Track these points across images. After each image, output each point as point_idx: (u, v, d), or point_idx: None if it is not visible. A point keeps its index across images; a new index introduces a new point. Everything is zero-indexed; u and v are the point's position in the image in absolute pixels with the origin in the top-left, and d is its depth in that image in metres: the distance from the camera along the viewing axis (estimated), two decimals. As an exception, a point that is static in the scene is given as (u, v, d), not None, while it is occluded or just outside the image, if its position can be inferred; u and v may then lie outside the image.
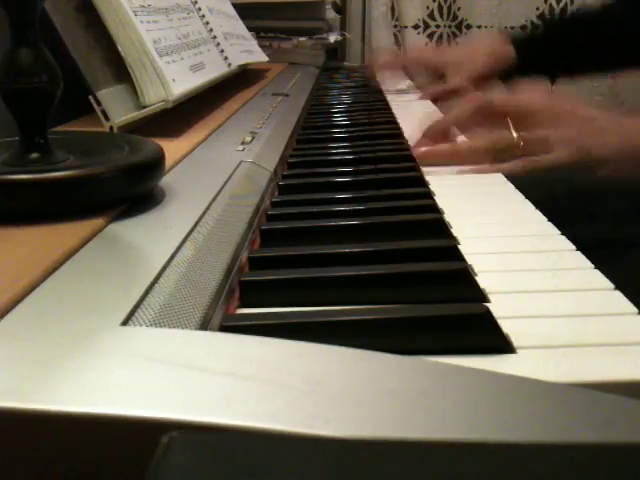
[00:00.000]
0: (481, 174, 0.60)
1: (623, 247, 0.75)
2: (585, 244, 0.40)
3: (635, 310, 0.32)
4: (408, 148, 0.66)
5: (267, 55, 1.19)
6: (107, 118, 0.58)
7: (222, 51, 0.89)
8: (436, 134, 0.67)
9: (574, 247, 0.41)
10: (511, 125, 0.62)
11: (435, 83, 1.11)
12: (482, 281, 0.35)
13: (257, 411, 0.20)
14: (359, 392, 0.21)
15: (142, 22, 0.64)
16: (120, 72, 0.62)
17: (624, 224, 0.78)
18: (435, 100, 1.01)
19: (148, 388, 0.21)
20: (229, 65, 0.89)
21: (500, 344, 0.29)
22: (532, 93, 0.69)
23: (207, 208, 0.41)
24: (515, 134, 0.62)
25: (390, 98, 1.04)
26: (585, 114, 0.64)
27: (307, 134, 0.77)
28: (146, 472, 0.15)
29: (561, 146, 0.61)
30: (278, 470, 0.14)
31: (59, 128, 0.61)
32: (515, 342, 0.29)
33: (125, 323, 0.26)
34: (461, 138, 0.69)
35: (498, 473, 0.14)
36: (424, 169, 0.60)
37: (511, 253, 0.41)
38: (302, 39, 1.35)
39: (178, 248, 0.34)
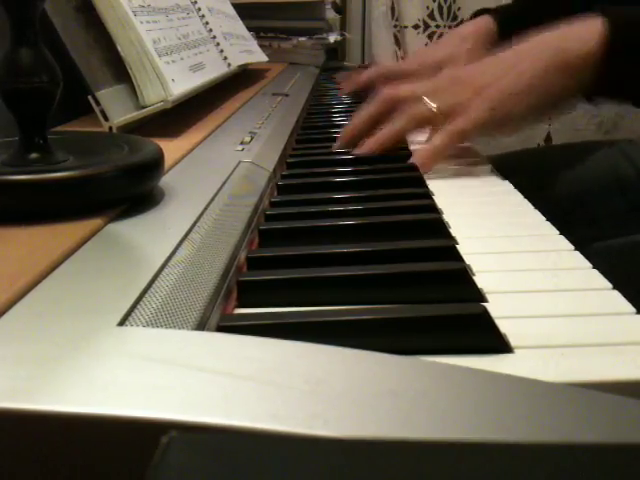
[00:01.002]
0: (478, 176, 0.60)
1: (622, 247, 0.75)
2: (584, 244, 0.40)
3: (633, 310, 0.33)
4: (407, 147, 0.66)
5: (267, 55, 1.19)
6: (106, 118, 0.58)
7: (222, 51, 0.89)
8: (353, 134, 0.66)
9: (572, 247, 0.41)
10: (426, 100, 0.62)
11: None
12: (480, 281, 0.35)
13: (257, 411, 0.20)
14: (359, 392, 0.21)
15: (142, 22, 0.64)
16: (119, 72, 0.62)
17: (624, 224, 0.78)
18: None
19: (147, 388, 0.21)
20: (229, 65, 0.89)
21: (497, 344, 0.29)
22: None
23: (205, 208, 0.41)
24: (432, 105, 0.62)
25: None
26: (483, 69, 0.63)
27: (306, 134, 0.77)
28: (146, 472, 0.15)
29: (478, 106, 0.60)
30: (278, 470, 0.14)
31: (59, 128, 0.61)
32: (513, 342, 0.29)
33: (122, 323, 0.26)
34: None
35: (498, 473, 0.14)
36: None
37: (509, 253, 0.41)
38: (302, 39, 1.35)
39: (176, 248, 0.34)
